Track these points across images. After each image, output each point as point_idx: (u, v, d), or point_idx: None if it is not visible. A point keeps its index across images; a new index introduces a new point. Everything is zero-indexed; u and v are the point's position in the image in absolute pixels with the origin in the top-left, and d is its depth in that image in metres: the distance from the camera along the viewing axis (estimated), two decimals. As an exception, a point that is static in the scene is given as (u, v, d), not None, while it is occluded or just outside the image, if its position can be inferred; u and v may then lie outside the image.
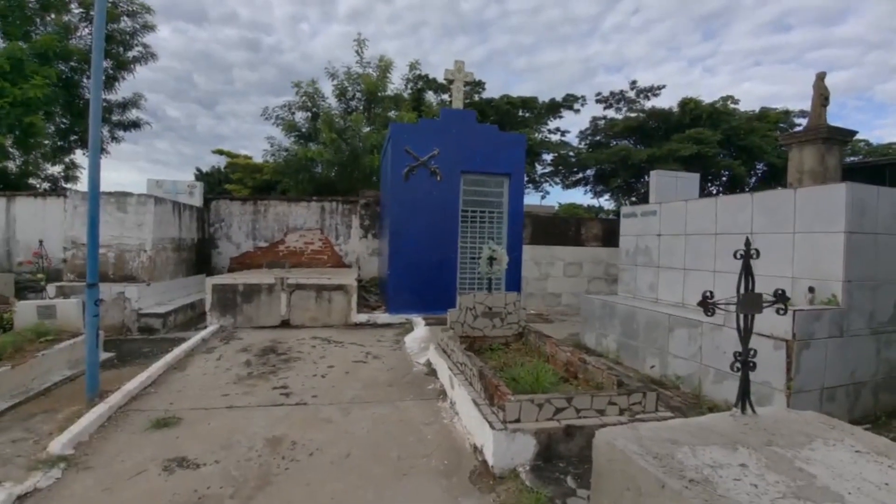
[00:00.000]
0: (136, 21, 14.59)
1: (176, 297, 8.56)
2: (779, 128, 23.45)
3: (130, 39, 14.76)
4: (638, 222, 6.32)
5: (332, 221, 10.87)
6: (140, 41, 14.84)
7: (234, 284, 7.52)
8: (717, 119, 22.32)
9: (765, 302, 2.50)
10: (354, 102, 14.51)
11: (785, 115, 23.61)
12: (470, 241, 8.32)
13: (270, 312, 7.60)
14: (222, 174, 31.69)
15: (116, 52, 14.39)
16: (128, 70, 15.05)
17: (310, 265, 10.72)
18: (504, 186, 8.45)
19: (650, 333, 5.32)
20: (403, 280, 7.97)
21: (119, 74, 14.87)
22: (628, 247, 6.51)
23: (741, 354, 2.50)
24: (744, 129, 22.09)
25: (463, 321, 5.85)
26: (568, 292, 8.85)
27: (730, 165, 21.66)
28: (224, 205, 10.42)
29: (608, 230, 8.94)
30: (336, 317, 7.79)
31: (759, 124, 22.40)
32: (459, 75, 8.29)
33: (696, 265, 5.46)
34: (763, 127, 22.39)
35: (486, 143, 8.24)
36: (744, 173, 22.39)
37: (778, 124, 23.30)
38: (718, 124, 22.10)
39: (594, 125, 26.01)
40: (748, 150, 21.98)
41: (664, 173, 6.99)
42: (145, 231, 7.73)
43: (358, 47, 14.02)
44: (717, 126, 22.02)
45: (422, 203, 8.03)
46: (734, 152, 22.24)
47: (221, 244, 10.39)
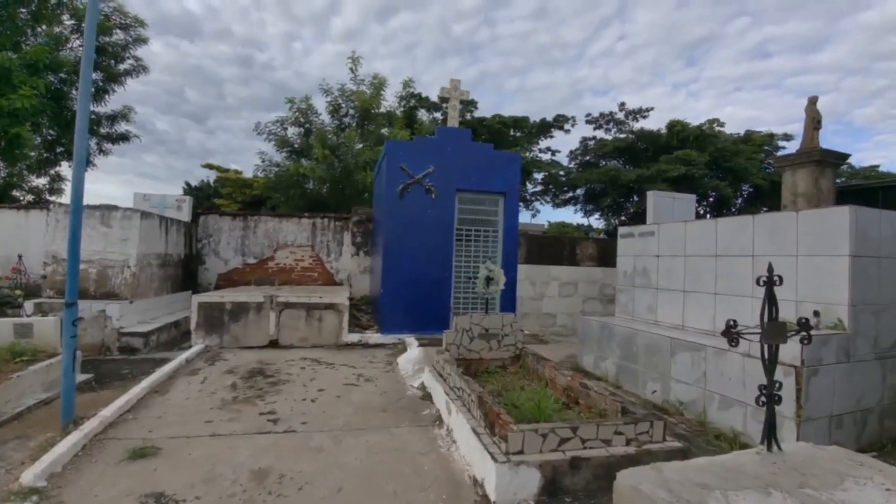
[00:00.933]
0: (129, 34, 14.45)
1: (160, 315, 8.24)
2: (763, 150, 23.92)
3: (122, 52, 14.60)
4: (636, 243, 6.23)
5: (324, 238, 10.66)
6: (132, 54, 14.68)
7: (220, 302, 7.24)
8: (704, 141, 22.69)
9: (789, 330, 2.36)
10: (348, 119, 14.45)
11: (769, 138, 24.10)
12: (465, 260, 8.17)
13: (258, 332, 7.32)
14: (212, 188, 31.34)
15: (107, 65, 14.20)
16: (118, 83, 14.84)
17: (300, 283, 10.46)
18: (499, 205, 8.34)
19: (651, 357, 5.17)
20: (397, 299, 7.76)
21: (109, 87, 14.66)
22: (626, 268, 6.41)
23: (766, 388, 2.35)
24: (730, 151, 22.47)
25: (459, 343, 5.66)
26: (563, 312, 8.70)
27: (717, 186, 21.94)
28: (213, 220, 10.16)
29: (603, 250, 8.87)
30: (326, 337, 7.53)
31: (745, 147, 22.82)
32: (455, 93, 8.24)
33: (695, 287, 5.35)
34: (748, 149, 22.80)
35: (481, 162, 8.16)
36: (731, 194, 22.70)
37: (762, 147, 23.76)
38: (705, 146, 22.46)
39: (584, 145, 26.29)
40: (734, 171, 22.33)
41: (661, 194, 6.94)
42: (130, 246, 7.45)
43: (352, 65, 14.03)
44: (703, 148, 22.38)
45: (416, 221, 7.88)
46: (720, 174, 22.58)
47: (209, 260, 10.10)
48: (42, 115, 12.79)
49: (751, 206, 24.29)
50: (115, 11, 13.72)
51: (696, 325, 5.36)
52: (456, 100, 8.25)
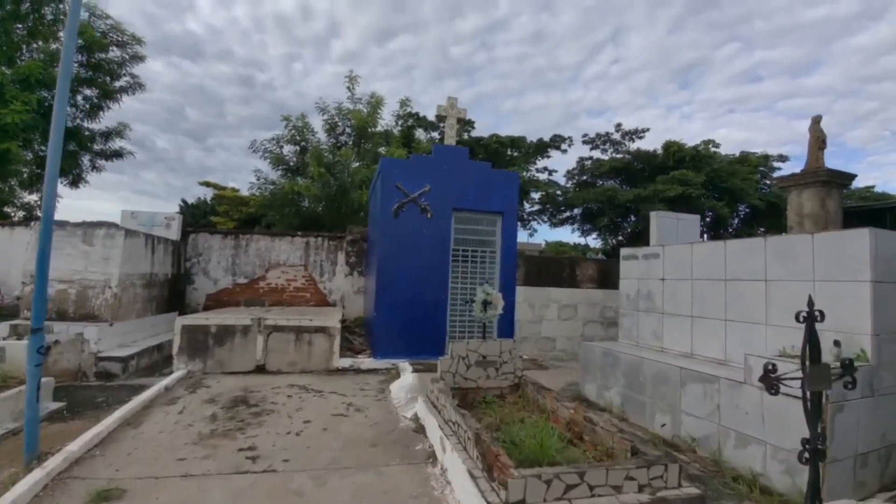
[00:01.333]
0: (126, 51, 14.34)
1: (143, 338, 7.86)
2: (759, 171, 23.93)
3: (118, 69, 14.47)
4: (639, 265, 5.96)
5: (317, 258, 10.35)
6: (128, 71, 14.56)
7: (205, 325, 6.89)
8: (700, 162, 22.68)
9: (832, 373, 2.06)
10: (344, 137, 14.30)
11: (765, 159, 24.14)
12: (461, 282, 7.87)
13: (244, 356, 6.95)
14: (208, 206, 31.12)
15: (103, 82, 14.06)
16: (113, 99, 14.68)
17: (292, 303, 10.10)
18: (497, 225, 8.09)
19: (659, 388, 4.84)
20: (390, 322, 7.43)
21: (104, 103, 14.49)
22: (629, 291, 6.12)
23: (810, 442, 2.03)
24: (725, 171, 22.45)
25: (455, 371, 5.32)
26: (563, 336, 8.37)
27: (714, 206, 21.84)
28: (203, 238, 9.85)
29: (604, 271, 8.60)
30: (316, 361, 7.16)
31: (740, 167, 22.82)
32: (452, 111, 8.07)
33: (704, 313, 5.06)
34: (744, 170, 22.79)
35: (478, 181, 7.93)
36: (727, 214, 22.61)
37: (758, 168, 23.77)
38: (701, 167, 22.44)
39: (581, 165, 26.26)
40: (730, 191, 22.27)
41: (664, 214, 6.71)
42: (112, 266, 7.12)
43: (349, 84, 13.93)
44: (699, 168, 22.35)
45: (412, 241, 7.60)
46: (717, 194, 22.51)
47: (198, 280, 9.75)
48: (34, 131, 12.57)
49: (748, 226, 24.18)
50: (113, 29, 13.63)
51: (705, 353, 5.05)
52: (453, 118, 8.07)
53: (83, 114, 14.52)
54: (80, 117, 14.49)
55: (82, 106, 14.30)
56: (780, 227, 24.71)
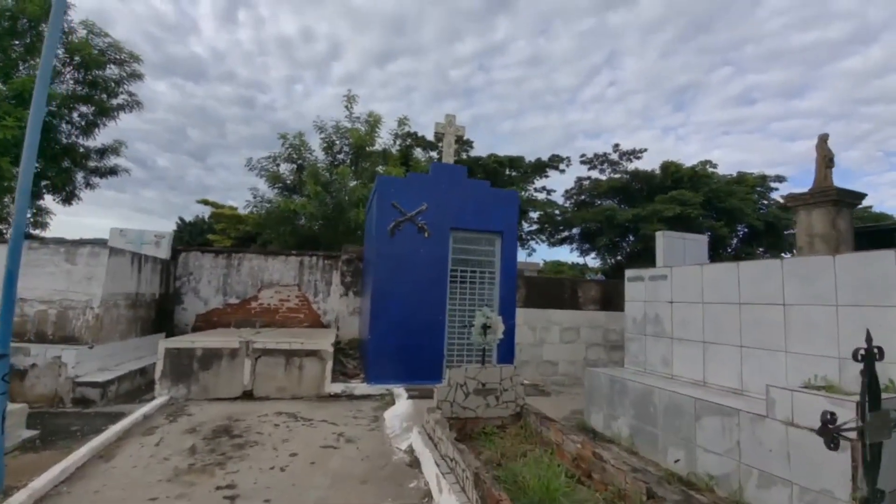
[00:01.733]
0: (124, 69, 14.26)
1: (125, 361, 7.48)
2: (756, 191, 23.89)
3: (116, 87, 14.37)
4: (646, 287, 5.67)
5: (311, 277, 10.04)
6: (126, 89, 14.45)
7: (190, 348, 6.54)
8: (698, 182, 22.63)
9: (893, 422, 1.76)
10: (342, 156, 14.14)
11: (762, 179, 24.13)
12: (459, 303, 7.55)
13: (231, 382, 6.58)
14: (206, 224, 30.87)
15: (99, 99, 13.95)
16: (110, 117, 14.54)
17: (284, 324, 9.75)
18: (496, 245, 7.82)
19: (672, 419, 4.50)
20: (385, 345, 7.08)
21: (100, 121, 14.34)
22: (635, 314, 5.82)
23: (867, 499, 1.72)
24: (723, 191, 22.38)
25: (452, 400, 4.97)
26: (565, 360, 8.02)
27: (712, 227, 21.69)
28: (194, 257, 9.55)
29: (607, 292, 8.31)
30: (307, 387, 6.79)
31: (738, 187, 22.77)
32: (450, 129, 7.88)
33: (717, 338, 4.76)
34: (741, 190, 22.73)
35: (477, 200, 7.70)
36: (726, 234, 22.45)
37: (755, 188, 23.73)
38: (699, 187, 22.37)
39: (579, 185, 26.20)
40: (728, 212, 22.16)
41: (671, 234, 6.47)
42: (95, 285, 6.80)
43: (347, 102, 13.84)
44: (697, 188, 22.28)
45: (408, 261, 7.32)
46: (715, 214, 22.41)
47: (188, 300, 9.41)
48: (26, 147, 12.39)
49: (747, 246, 24.01)
50: (111, 47, 13.57)
51: (719, 381, 4.73)
52: (451, 135, 7.88)
53: (78, 131, 14.36)
54: (76, 134, 14.32)
55: (78, 123, 14.15)
56: (779, 247, 24.56)
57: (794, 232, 27.12)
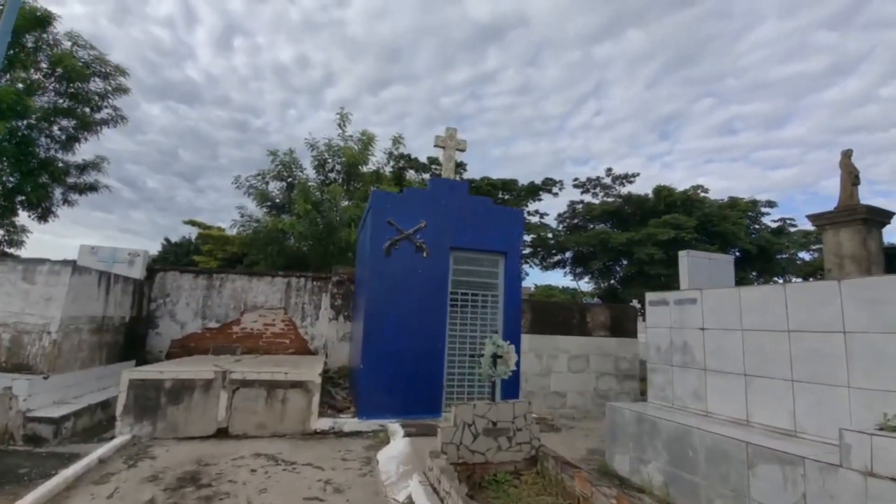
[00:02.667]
0: (109, 83, 13.66)
1: (87, 393, 6.61)
2: (748, 216, 23.78)
3: (100, 101, 13.74)
4: (671, 312, 5.07)
5: (299, 300, 9.28)
6: (110, 103, 13.83)
7: (158, 380, 5.73)
8: (690, 206, 22.45)
9: None
10: (334, 174, 13.55)
11: (753, 204, 24.08)
12: (460, 329, 6.87)
13: (203, 417, 5.75)
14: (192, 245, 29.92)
15: (82, 113, 13.30)
16: (92, 131, 13.86)
17: (268, 350, 8.93)
18: (499, 266, 7.21)
19: (717, 467, 3.83)
20: (379, 375, 6.34)
21: (82, 135, 13.65)
22: (659, 342, 5.19)
23: None
24: (716, 216, 22.21)
25: (459, 442, 4.25)
26: (574, 391, 7.33)
27: (706, 250, 21.38)
28: (171, 277, 8.75)
29: (616, 318, 7.70)
30: (291, 423, 5.98)
31: (731, 212, 22.63)
32: (451, 143, 7.36)
33: (762, 371, 4.14)
34: (734, 214, 22.59)
35: (479, 218, 7.12)
36: (720, 259, 22.12)
37: (746, 213, 23.64)
38: (692, 211, 22.18)
39: (572, 209, 25.90)
40: (722, 235, 21.94)
41: (696, 254, 5.92)
42: (53, 308, 6.00)
43: (340, 121, 13.34)
44: (690, 213, 22.08)
45: (404, 282, 6.66)
46: (707, 238, 22.17)
47: (163, 323, 8.57)
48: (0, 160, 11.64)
49: (740, 270, 23.71)
50: (96, 60, 13.00)
51: (766, 420, 4.08)
52: (451, 149, 7.35)
53: (58, 145, 13.64)
54: (55, 148, 13.61)
55: (58, 137, 13.46)
56: (772, 271, 24.34)
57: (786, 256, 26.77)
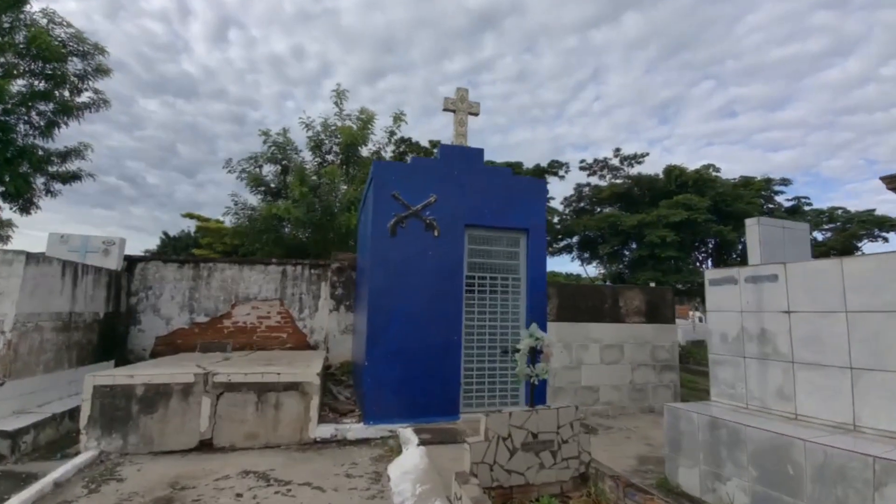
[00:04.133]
0: (88, 63, 12.58)
1: (53, 400, 5.71)
2: (761, 195, 22.74)
3: (80, 83, 12.68)
4: (742, 292, 4.12)
5: (296, 290, 8.35)
6: (91, 86, 12.76)
7: (128, 385, 4.80)
8: (703, 186, 21.41)
9: None
10: (331, 157, 12.53)
11: (766, 182, 23.03)
12: (478, 319, 5.93)
13: (183, 428, 4.84)
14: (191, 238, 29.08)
15: (61, 96, 12.26)
16: (73, 116, 12.81)
17: (264, 346, 8.02)
18: (521, 245, 6.24)
19: (832, 488, 2.90)
20: (386, 374, 5.41)
21: (61, 119, 12.61)
22: (725, 329, 4.25)
23: None
24: (730, 195, 21.18)
25: (493, 461, 3.32)
26: (608, 385, 6.41)
27: (720, 231, 20.40)
28: (154, 268, 7.81)
29: (652, 302, 6.75)
30: (286, 431, 5.07)
31: (745, 191, 21.60)
32: (462, 105, 6.35)
33: (878, 363, 3.20)
34: (748, 194, 21.56)
35: (497, 190, 6.14)
36: (735, 239, 21.17)
37: (760, 192, 22.60)
38: (704, 191, 21.15)
39: (579, 192, 24.85)
40: (735, 216, 20.93)
41: (768, 222, 4.95)
42: (6, 303, 5.06)
43: (337, 98, 12.28)
44: (702, 193, 21.06)
45: (413, 266, 5.71)
46: (720, 219, 21.16)
47: (146, 319, 7.65)
48: (-32, 146, 10.65)
49: (753, 252, 22.76)
50: (73, 38, 11.92)
51: (881, 425, 3.15)
52: (463, 113, 6.34)
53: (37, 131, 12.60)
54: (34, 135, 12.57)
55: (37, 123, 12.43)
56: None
57: (800, 236, 25.64)
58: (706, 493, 3.71)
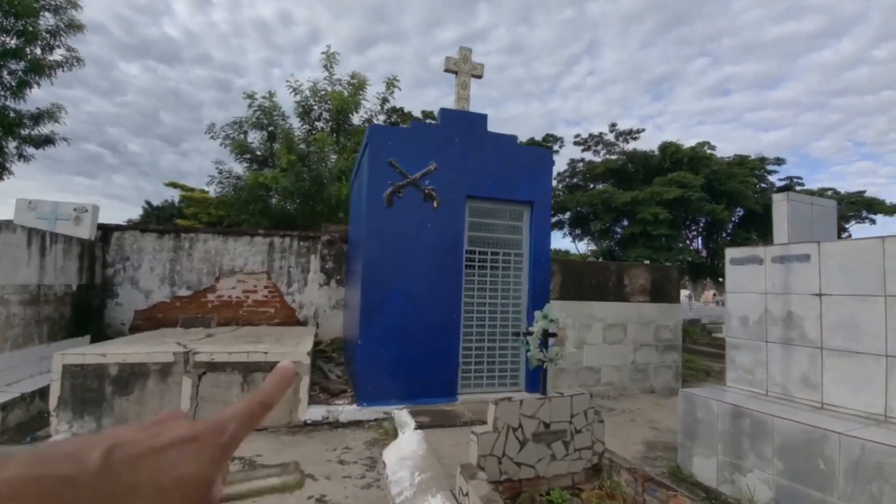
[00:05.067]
0: (61, 19, 11.61)
1: (23, 378, 5.30)
2: (754, 175, 22.56)
3: (52, 40, 11.73)
4: (767, 272, 3.82)
5: (284, 263, 7.92)
6: (63, 42, 11.82)
7: (101, 365, 4.41)
8: (697, 163, 21.12)
9: None
10: (321, 124, 11.88)
11: (760, 161, 22.82)
12: (477, 296, 5.59)
13: (162, 409, 4.44)
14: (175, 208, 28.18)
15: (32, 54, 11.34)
16: (45, 75, 11.90)
17: (250, 321, 7.63)
18: (524, 219, 5.87)
19: (867, 484, 2.67)
20: (381, 353, 5.09)
21: (32, 79, 11.72)
22: (746, 311, 3.97)
23: None
24: (724, 174, 20.95)
25: (501, 453, 3.03)
26: (609, 365, 6.19)
27: (713, 210, 20.25)
28: (131, 238, 7.29)
29: (656, 281, 6.48)
30: (274, 413, 4.73)
31: (739, 170, 21.38)
32: (465, 66, 5.83)
33: (920, 352, 2.94)
34: (742, 172, 21.35)
35: (501, 160, 5.71)
36: (726, 218, 21.07)
37: (754, 171, 22.41)
38: (699, 169, 20.87)
39: (572, 167, 24.42)
40: (728, 194, 20.77)
41: (798, 197, 4.61)
42: (-39, 275, 4.59)
43: (327, 61, 11.54)
44: (697, 170, 20.78)
45: (410, 239, 5.31)
46: (713, 197, 20.97)
47: (123, 292, 7.18)
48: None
49: (744, 231, 22.74)
50: (45, -9, 10.93)
51: (920, 418, 2.91)
52: (465, 74, 5.83)
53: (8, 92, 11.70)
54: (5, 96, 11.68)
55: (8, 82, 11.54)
56: (774, 232, 23.40)
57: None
58: (723, 483, 3.49)
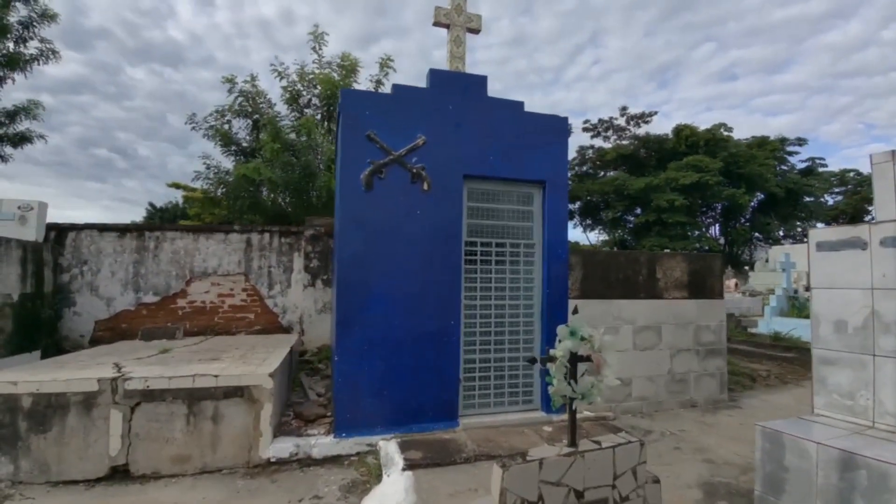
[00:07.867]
0: (32, 9, 10.73)
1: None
2: (775, 156, 21.16)
3: (25, 31, 10.87)
4: (874, 259, 2.75)
5: (264, 263, 6.94)
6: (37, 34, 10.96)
7: (11, 395, 3.46)
8: (715, 146, 19.77)
9: None
10: (310, 111, 10.86)
11: (781, 142, 21.38)
12: (481, 297, 4.56)
13: (87, 451, 3.53)
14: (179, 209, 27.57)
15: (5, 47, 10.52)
16: (21, 69, 11.07)
17: (228, 329, 6.68)
18: (535, 202, 4.81)
19: None
20: (362, 370, 4.08)
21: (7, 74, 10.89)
22: (844, 314, 2.90)
23: None
24: (743, 156, 19.60)
25: (514, 541, 2.01)
26: (642, 376, 5.11)
27: (732, 195, 18.93)
28: (88, 238, 6.36)
29: (696, 272, 5.36)
30: (229, 451, 3.77)
31: (759, 152, 20.00)
32: (458, 19, 4.76)
33: None
34: (762, 154, 19.97)
35: (505, 131, 4.65)
36: (746, 202, 19.72)
37: (774, 153, 21.01)
38: (716, 152, 19.53)
39: (581, 155, 23.16)
40: (747, 178, 19.42)
41: None
42: None
43: (315, 42, 10.50)
44: (714, 154, 19.45)
45: (396, 229, 4.28)
46: (731, 181, 19.65)
47: (82, 300, 6.27)
48: None
49: (763, 215, 21.37)
50: (13, -19, 10.06)
51: None
52: (460, 29, 4.76)
53: (-19, 88, 10.88)
54: (-24, 92, 10.88)
55: (-20, 78, 10.75)
56: (796, 216, 21.94)
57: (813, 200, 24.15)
58: (832, 563, 2.44)
